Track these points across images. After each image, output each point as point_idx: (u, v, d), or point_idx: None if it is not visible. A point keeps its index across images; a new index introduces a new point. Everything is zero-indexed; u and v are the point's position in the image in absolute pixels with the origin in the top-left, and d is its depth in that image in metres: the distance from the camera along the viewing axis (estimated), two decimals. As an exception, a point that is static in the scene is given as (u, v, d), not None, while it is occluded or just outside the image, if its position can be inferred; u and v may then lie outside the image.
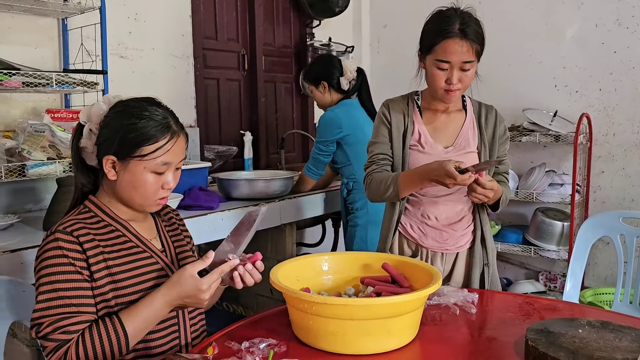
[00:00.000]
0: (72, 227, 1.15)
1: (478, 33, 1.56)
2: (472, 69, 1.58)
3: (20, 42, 2.27)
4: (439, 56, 1.56)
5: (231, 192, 2.49)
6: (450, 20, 1.55)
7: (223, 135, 3.30)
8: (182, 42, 2.96)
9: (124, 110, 1.19)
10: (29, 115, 2.26)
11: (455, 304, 1.39)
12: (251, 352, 1.09)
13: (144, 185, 1.19)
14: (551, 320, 1.21)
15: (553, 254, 3.17)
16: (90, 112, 1.21)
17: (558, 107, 3.26)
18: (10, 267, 1.57)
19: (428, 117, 1.72)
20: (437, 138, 1.69)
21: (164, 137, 1.19)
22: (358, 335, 1.09)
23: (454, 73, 1.56)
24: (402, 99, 1.75)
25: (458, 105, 1.73)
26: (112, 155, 1.18)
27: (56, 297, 1.10)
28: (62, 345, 1.08)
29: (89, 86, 2.15)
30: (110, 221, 1.22)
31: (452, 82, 1.57)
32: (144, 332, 1.15)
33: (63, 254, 1.12)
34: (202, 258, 1.16)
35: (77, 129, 1.24)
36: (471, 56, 1.55)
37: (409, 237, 1.71)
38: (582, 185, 3.23)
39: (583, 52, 3.25)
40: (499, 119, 1.74)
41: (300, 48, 3.75)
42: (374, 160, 1.71)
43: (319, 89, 2.65)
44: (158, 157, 1.18)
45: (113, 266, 1.17)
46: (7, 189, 2.19)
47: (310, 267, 1.37)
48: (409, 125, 1.70)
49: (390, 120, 1.71)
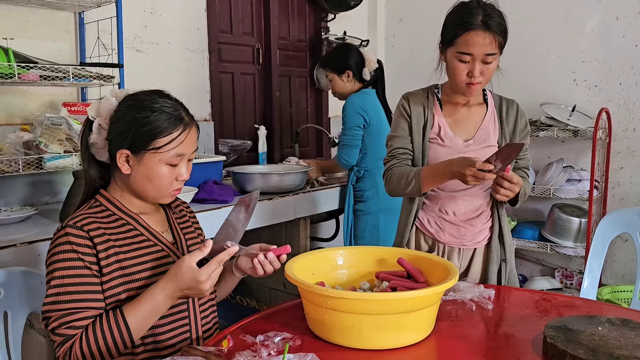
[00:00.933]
0: (82, 221, 1.15)
1: (501, 25, 1.53)
2: (494, 61, 1.55)
3: (38, 36, 2.29)
4: (461, 48, 1.54)
5: (245, 185, 2.49)
6: (473, 12, 1.52)
7: (237, 129, 3.31)
8: (197, 36, 2.96)
9: (135, 104, 1.19)
10: (46, 109, 2.29)
11: (472, 299, 1.37)
12: (266, 345, 1.09)
13: (158, 177, 1.19)
14: (570, 318, 1.19)
15: (570, 251, 3.13)
16: (99, 107, 1.20)
17: (577, 102, 3.21)
18: (27, 259, 1.59)
19: (448, 110, 1.69)
20: (457, 131, 1.67)
21: (177, 129, 1.18)
22: (374, 330, 1.08)
23: (475, 66, 1.53)
24: (422, 92, 1.73)
25: (479, 99, 1.70)
26: (126, 150, 1.18)
27: (63, 292, 1.10)
28: (68, 340, 1.09)
29: (105, 80, 2.16)
30: (121, 215, 1.22)
31: (474, 75, 1.54)
32: (147, 325, 1.14)
33: (72, 249, 1.12)
34: (199, 247, 1.13)
35: (85, 124, 1.23)
36: (494, 48, 1.52)
37: (426, 232, 1.70)
38: (600, 182, 3.18)
39: (603, 46, 3.20)
40: (520, 113, 1.71)
41: (315, 42, 3.74)
42: (394, 154, 1.70)
43: (342, 77, 2.64)
44: (172, 149, 1.18)
45: (124, 259, 1.17)
46: (25, 182, 2.21)
47: (325, 261, 1.36)
48: (429, 118, 1.68)
49: (410, 114, 1.69)
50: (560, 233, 3.15)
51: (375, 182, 2.58)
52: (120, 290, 1.15)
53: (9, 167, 1.86)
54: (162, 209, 1.33)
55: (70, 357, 1.09)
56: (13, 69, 1.86)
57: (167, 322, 1.21)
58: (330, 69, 2.68)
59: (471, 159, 1.43)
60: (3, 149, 1.90)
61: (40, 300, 1.36)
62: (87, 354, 1.08)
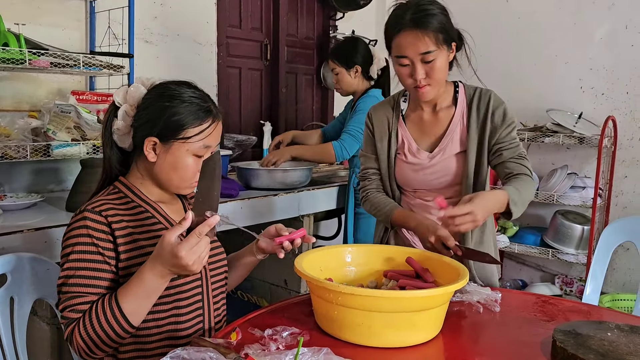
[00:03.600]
0: (101, 206, 1.16)
1: (435, 19, 1.41)
2: (437, 59, 1.43)
3: (49, 23, 2.28)
4: (396, 52, 1.46)
5: (250, 181, 2.49)
6: (402, 12, 1.43)
7: (243, 125, 3.30)
8: (206, 29, 2.95)
9: (164, 93, 1.19)
10: (54, 97, 2.28)
11: (479, 301, 1.37)
12: (274, 339, 1.09)
13: (184, 167, 1.19)
14: (578, 322, 1.19)
15: (571, 257, 3.14)
16: (127, 94, 1.20)
17: (583, 109, 3.22)
18: (33, 245, 1.58)
19: (414, 121, 1.61)
20: (422, 142, 1.59)
21: (207, 121, 1.19)
22: (384, 327, 1.07)
23: (417, 68, 1.44)
24: (387, 104, 1.66)
25: (447, 100, 1.58)
26: (154, 137, 1.17)
27: (73, 275, 1.11)
28: (71, 323, 1.10)
29: (115, 69, 2.16)
30: (140, 202, 1.22)
31: (417, 78, 1.45)
32: (143, 307, 1.10)
33: (88, 233, 1.12)
34: (179, 221, 1.06)
35: (111, 110, 1.22)
36: (429, 46, 1.41)
37: (403, 237, 1.68)
38: (604, 189, 3.18)
39: (611, 54, 3.20)
40: (494, 103, 1.54)
41: (322, 40, 3.73)
42: (365, 175, 1.68)
43: (350, 72, 2.55)
44: (200, 140, 1.19)
45: (143, 247, 1.17)
46: (31, 169, 2.21)
47: (334, 257, 1.36)
48: (393, 132, 1.61)
49: (373, 132, 1.64)
50: (562, 239, 3.16)
51: None
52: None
53: (17, 153, 1.85)
54: (179, 199, 1.33)
55: (72, 340, 1.10)
56: (24, 55, 1.85)
57: (185, 312, 1.21)
58: (338, 61, 2.57)
59: (436, 230, 1.39)
60: (11, 135, 1.89)
61: (46, 286, 1.37)
62: (86, 337, 1.08)
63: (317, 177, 2.96)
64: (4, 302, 1.35)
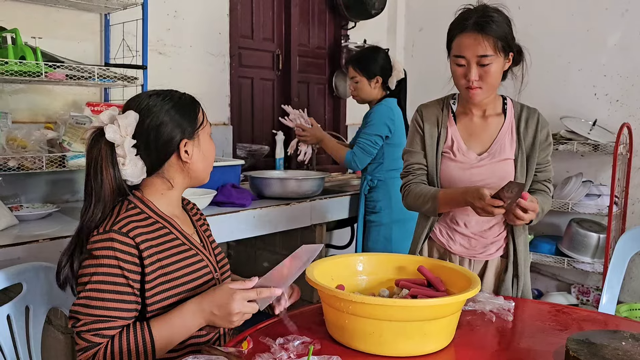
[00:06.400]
0: (127, 227, 1.13)
1: (497, 26, 1.49)
2: (492, 64, 1.50)
3: (64, 37, 2.33)
4: (455, 52, 1.53)
5: (263, 190, 2.50)
6: (468, 15, 1.51)
7: (255, 134, 3.32)
8: (218, 40, 2.99)
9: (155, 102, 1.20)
10: (70, 108, 2.32)
11: (491, 311, 1.36)
12: (285, 348, 1.09)
13: (210, 152, 1.28)
14: (592, 332, 1.18)
15: (587, 266, 3.09)
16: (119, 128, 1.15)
17: (597, 116, 3.18)
18: (49, 255, 1.60)
19: (463, 122, 1.66)
20: (471, 144, 1.64)
21: (196, 101, 1.27)
22: (395, 336, 1.07)
23: (471, 69, 1.50)
24: (436, 104, 1.71)
25: (497, 109, 1.65)
26: (184, 139, 1.20)
27: (96, 297, 1.09)
28: (92, 347, 1.08)
29: (129, 81, 2.19)
30: (156, 218, 1.21)
31: (470, 79, 1.51)
32: (173, 341, 1.13)
33: (115, 255, 1.10)
34: (244, 280, 1.14)
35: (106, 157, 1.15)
36: (487, 50, 1.48)
37: (438, 242, 1.68)
38: (620, 197, 3.14)
39: (625, 60, 3.17)
40: (542, 123, 1.64)
41: (334, 49, 3.75)
42: (409, 170, 1.68)
43: (371, 82, 2.54)
44: (206, 119, 1.27)
45: (167, 265, 1.17)
46: (46, 179, 2.24)
47: (346, 266, 1.36)
48: (442, 131, 1.65)
49: (423, 127, 1.66)
50: (577, 248, 3.12)
51: (388, 192, 2.52)
52: (164, 296, 1.16)
53: (33, 164, 1.88)
54: (185, 211, 1.34)
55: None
56: (40, 68, 1.89)
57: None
58: (360, 70, 2.55)
59: (483, 192, 1.41)
60: (28, 147, 1.93)
61: (61, 296, 1.38)
62: None
63: (330, 186, 2.97)
64: (20, 311, 1.37)
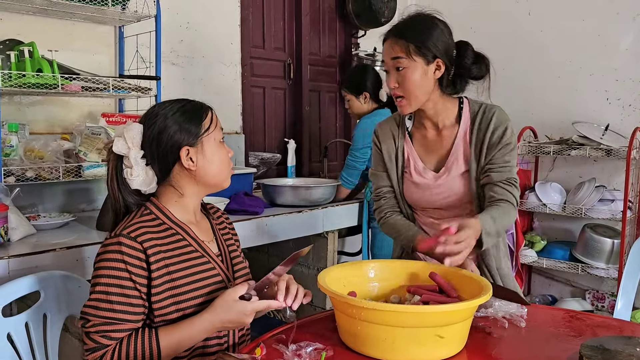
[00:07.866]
0: (136, 231, 1.16)
1: (414, 31, 1.41)
2: (408, 69, 1.41)
3: (80, 49, 2.37)
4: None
5: (275, 198, 2.52)
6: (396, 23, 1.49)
7: (267, 143, 3.35)
8: (230, 50, 3.03)
9: (160, 111, 1.22)
10: (85, 119, 2.36)
11: (504, 317, 1.36)
12: (298, 354, 1.10)
13: (219, 156, 1.25)
14: (607, 338, 1.17)
15: (602, 272, 3.07)
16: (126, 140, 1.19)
17: (610, 121, 3.17)
18: (66, 263, 1.63)
19: (418, 138, 1.58)
20: (428, 161, 1.56)
21: (204, 108, 1.26)
22: (407, 342, 1.08)
23: (390, 75, 1.45)
24: (392, 120, 1.62)
25: (451, 118, 1.53)
26: (185, 146, 1.21)
27: (105, 299, 1.12)
28: (100, 349, 1.11)
29: (143, 91, 2.23)
30: (171, 224, 1.23)
31: (389, 86, 1.45)
32: (179, 350, 1.16)
33: (122, 259, 1.13)
34: (242, 283, 1.17)
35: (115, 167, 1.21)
36: (398, 52, 1.41)
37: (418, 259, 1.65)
38: (634, 202, 3.11)
39: (637, 65, 3.15)
40: (496, 121, 1.48)
41: (345, 58, 3.77)
42: (379, 194, 1.63)
43: (359, 98, 2.72)
44: (214, 125, 1.25)
45: (174, 272, 1.19)
46: (63, 189, 2.28)
47: (358, 273, 1.37)
48: (400, 149, 1.58)
49: (380, 148, 1.61)
50: (591, 254, 3.09)
51: None
52: (171, 302, 1.17)
53: (50, 174, 1.92)
54: (207, 218, 1.35)
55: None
56: (57, 80, 1.93)
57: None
58: (348, 89, 2.75)
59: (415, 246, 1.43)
60: (45, 157, 1.97)
61: (78, 303, 1.40)
62: None
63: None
64: (38, 318, 1.39)
